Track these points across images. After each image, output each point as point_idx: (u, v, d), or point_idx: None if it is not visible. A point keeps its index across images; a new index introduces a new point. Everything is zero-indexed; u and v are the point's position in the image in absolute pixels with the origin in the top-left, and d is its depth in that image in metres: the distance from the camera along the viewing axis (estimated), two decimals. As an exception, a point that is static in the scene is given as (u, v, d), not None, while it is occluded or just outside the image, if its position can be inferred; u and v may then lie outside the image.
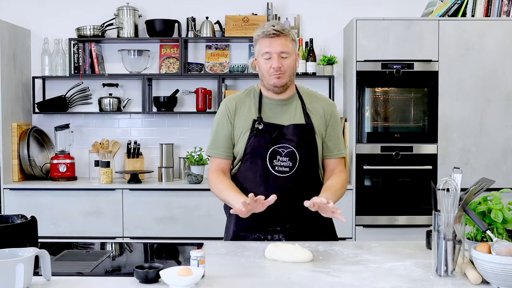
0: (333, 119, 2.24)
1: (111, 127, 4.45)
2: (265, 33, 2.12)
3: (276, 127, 2.15)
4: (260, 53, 2.15)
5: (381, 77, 3.87)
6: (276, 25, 2.13)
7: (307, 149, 2.15)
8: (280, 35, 2.11)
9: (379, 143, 3.89)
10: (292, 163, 2.13)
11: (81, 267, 1.77)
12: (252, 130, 2.15)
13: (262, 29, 2.14)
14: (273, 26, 2.12)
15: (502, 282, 1.49)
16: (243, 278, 1.65)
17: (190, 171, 4.02)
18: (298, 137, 2.14)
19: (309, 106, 2.21)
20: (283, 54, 2.11)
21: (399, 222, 3.89)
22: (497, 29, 3.86)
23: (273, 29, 2.10)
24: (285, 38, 2.12)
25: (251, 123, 2.16)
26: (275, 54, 2.10)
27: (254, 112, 2.18)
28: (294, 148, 2.13)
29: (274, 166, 2.13)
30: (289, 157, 2.13)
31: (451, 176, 1.67)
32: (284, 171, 2.13)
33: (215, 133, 2.24)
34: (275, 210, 2.04)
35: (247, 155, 2.16)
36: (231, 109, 2.20)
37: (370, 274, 1.69)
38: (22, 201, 3.90)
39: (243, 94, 2.26)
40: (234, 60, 4.40)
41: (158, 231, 3.86)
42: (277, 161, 2.13)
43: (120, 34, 4.24)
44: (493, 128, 3.87)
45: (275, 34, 2.10)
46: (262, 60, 2.14)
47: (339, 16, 4.33)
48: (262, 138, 2.13)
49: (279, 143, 2.13)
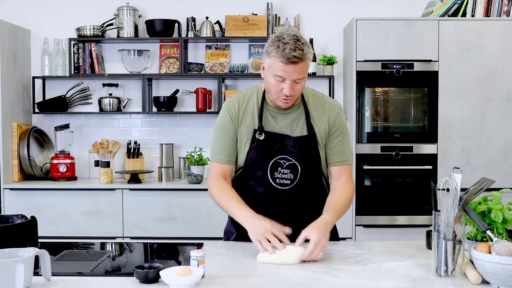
0: (338, 125, 2.10)
1: (111, 127, 4.45)
2: (284, 56, 1.87)
3: (278, 138, 2.05)
4: (272, 71, 1.94)
5: (381, 77, 3.87)
6: (297, 49, 1.86)
7: (309, 161, 2.07)
8: (299, 62, 1.89)
9: (379, 143, 3.89)
10: (293, 175, 2.06)
11: (81, 267, 1.77)
12: (253, 141, 2.06)
13: (279, 48, 1.88)
14: (294, 50, 1.86)
15: (502, 282, 1.49)
16: (243, 278, 1.65)
17: (190, 171, 4.02)
18: (300, 149, 2.04)
19: (313, 114, 2.08)
20: (298, 80, 1.93)
21: (399, 222, 3.89)
22: (497, 29, 3.86)
23: (294, 56, 1.86)
24: (303, 64, 1.91)
25: (252, 133, 2.06)
26: (289, 80, 1.92)
27: (256, 119, 2.07)
28: (296, 161, 2.04)
29: (275, 179, 2.06)
30: (290, 169, 2.06)
31: (451, 176, 1.67)
32: (285, 183, 2.06)
33: (217, 138, 2.13)
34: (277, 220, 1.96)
35: (248, 166, 2.09)
36: (234, 112, 2.09)
37: (370, 274, 1.69)
38: (22, 201, 3.89)
39: (246, 95, 2.13)
40: (234, 60, 4.40)
41: (158, 231, 3.85)
42: (278, 173, 2.06)
43: (120, 34, 4.24)
44: (493, 128, 3.87)
45: (295, 62, 1.88)
46: (273, 78, 1.95)
47: (339, 16, 4.33)
48: (263, 149, 2.05)
49: (280, 154, 2.05)
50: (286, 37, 1.90)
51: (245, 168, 2.10)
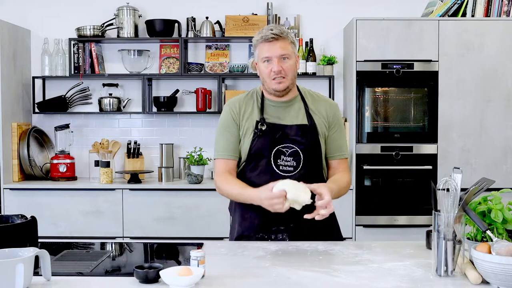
0: (336, 120, 2.23)
1: (111, 127, 4.45)
2: (263, 37, 2.10)
3: (280, 128, 2.15)
4: (260, 58, 2.14)
5: (381, 77, 3.87)
6: (274, 28, 2.11)
7: (310, 149, 2.15)
8: (278, 39, 2.09)
9: (379, 143, 3.89)
10: (296, 162, 2.13)
11: (81, 267, 1.77)
12: (255, 132, 2.14)
13: (261, 34, 2.12)
14: (271, 30, 2.10)
15: (502, 282, 1.49)
16: (243, 278, 1.65)
17: (190, 171, 4.02)
18: (302, 137, 2.14)
19: (312, 107, 2.20)
20: (283, 57, 2.10)
21: (399, 222, 3.89)
22: (497, 29, 3.86)
23: (271, 33, 2.09)
24: (284, 41, 2.10)
25: (254, 125, 2.15)
26: (275, 58, 2.09)
27: (257, 113, 2.18)
28: (298, 148, 2.13)
29: (278, 166, 2.13)
30: (293, 156, 2.13)
31: (451, 176, 1.67)
32: (289, 170, 2.13)
33: (220, 135, 2.21)
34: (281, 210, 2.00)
35: (251, 156, 2.15)
36: (235, 111, 2.19)
37: (370, 274, 1.69)
38: (22, 201, 3.89)
39: (246, 96, 2.24)
40: (234, 60, 4.40)
41: (158, 231, 3.85)
42: (281, 160, 2.13)
43: (120, 34, 4.24)
44: (493, 128, 3.87)
45: (274, 38, 2.09)
46: (262, 64, 2.13)
47: (339, 16, 4.33)
48: (266, 139, 2.13)
49: (283, 143, 2.13)
50: (266, 27, 2.16)
51: (248, 159, 2.17)
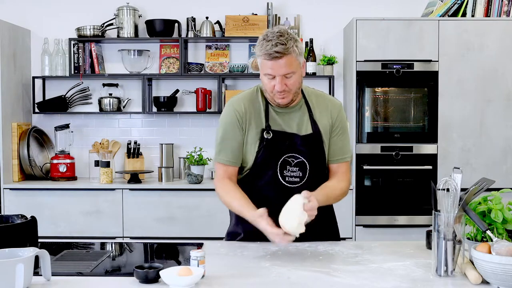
0: (339, 122, 2.13)
1: (111, 127, 4.45)
2: (267, 54, 1.91)
3: (285, 136, 2.06)
4: (261, 70, 1.98)
5: (381, 77, 3.87)
6: (279, 44, 1.89)
7: (316, 159, 2.08)
8: (283, 56, 1.91)
9: (379, 143, 3.89)
10: (302, 173, 2.07)
11: (81, 267, 1.77)
12: (261, 141, 2.05)
13: (263, 47, 1.92)
14: (275, 45, 1.89)
15: (502, 282, 1.49)
16: (243, 278, 1.65)
17: (190, 171, 4.02)
18: (308, 147, 2.06)
19: (316, 111, 2.11)
20: (287, 75, 1.95)
21: (399, 222, 3.89)
22: (497, 29, 3.86)
23: (275, 51, 1.89)
24: (288, 57, 1.92)
25: (260, 133, 2.06)
26: (278, 76, 1.95)
27: (262, 119, 2.07)
28: (304, 159, 2.06)
29: (284, 177, 2.06)
30: (299, 167, 2.06)
31: (451, 176, 1.67)
32: (295, 181, 2.06)
33: (223, 138, 2.11)
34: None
35: (257, 166, 2.08)
36: (241, 113, 2.08)
37: (370, 274, 1.68)
38: (22, 201, 3.89)
39: (250, 96, 2.12)
40: (234, 60, 4.40)
41: (158, 231, 3.85)
42: (287, 171, 2.06)
43: (120, 34, 4.23)
44: (493, 128, 3.87)
45: (277, 57, 1.91)
46: (265, 77, 1.99)
47: (339, 16, 4.33)
48: (272, 148, 2.05)
49: (289, 152, 2.06)
50: (270, 34, 1.93)
51: (254, 168, 2.09)
